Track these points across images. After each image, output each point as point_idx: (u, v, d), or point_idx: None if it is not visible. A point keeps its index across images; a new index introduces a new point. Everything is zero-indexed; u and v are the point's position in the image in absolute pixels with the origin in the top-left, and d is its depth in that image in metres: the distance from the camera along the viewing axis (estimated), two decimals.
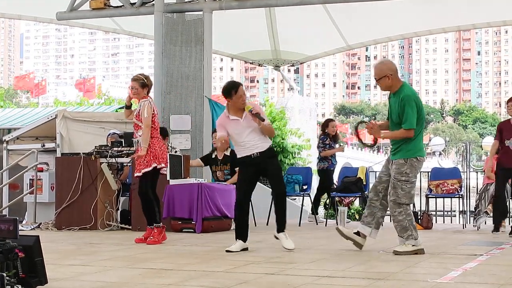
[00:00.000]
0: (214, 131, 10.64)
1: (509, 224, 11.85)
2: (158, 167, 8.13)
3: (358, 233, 6.97)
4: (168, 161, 9.59)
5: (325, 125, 11.69)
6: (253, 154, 7.06)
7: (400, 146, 6.70)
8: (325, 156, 11.42)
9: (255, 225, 10.33)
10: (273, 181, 7.20)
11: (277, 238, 7.14)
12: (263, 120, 7.03)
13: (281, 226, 7.12)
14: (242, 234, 7.13)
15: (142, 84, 8.08)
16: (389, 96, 6.87)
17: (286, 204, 7.26)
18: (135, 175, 8.27)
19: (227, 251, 6.94)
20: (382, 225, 7.08)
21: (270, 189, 7.42)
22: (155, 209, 8.14)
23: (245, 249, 7.05)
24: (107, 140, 10.33)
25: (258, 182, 7.50)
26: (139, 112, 8.04)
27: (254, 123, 7.03)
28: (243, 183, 7.22)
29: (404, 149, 6.67)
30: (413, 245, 6.65)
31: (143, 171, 8.08)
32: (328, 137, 11.50)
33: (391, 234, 9.19)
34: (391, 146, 6.85)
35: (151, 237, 7.96)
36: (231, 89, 7.06)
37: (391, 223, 7.04)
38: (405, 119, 6.59)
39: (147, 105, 7.99)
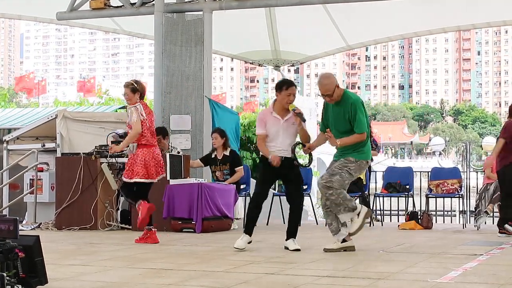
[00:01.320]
0: (214, 131, 10.63)
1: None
2: (145, 181, 8.09)
3: (344, 240, 7.00)
4: (168, 161, 9.62)
5: None
6: (282, 157, 7.12)
7: (356, 149, 6.82)
8: None
9: (255, 225, 10.30)
10: (292, 189, 7.29)
11: (286, 247, 7.15)
12: (305, 121, 7.10)
13: (291, 234, 7.20)
14: (251, 229, 7.23)
15: (132, 89, 8.08)
16: (325, 106, 6.98)
17: (301, 213, 7.36)
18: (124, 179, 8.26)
19: (235, 248, 7.03)
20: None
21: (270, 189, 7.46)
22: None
23: (249, 242, 7.20)
24: (107, 139, 10.33)
25: None
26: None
27: (291, 128, 7.14)
28: (265, 182, 7.29)
29: (357, 150, 6.83)
30: (357, 216, 6.80)
31: (124, 179, 8.09)
32: None
33: (391, 234, 9.22)
34: (340, 149, 6.90)
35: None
36: (283, 84, 7.18)
37: (391, 223, 7.04)
38: (357, 123, 6.73)
39: (134, 110, 7.99)
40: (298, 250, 7.00)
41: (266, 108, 7.47)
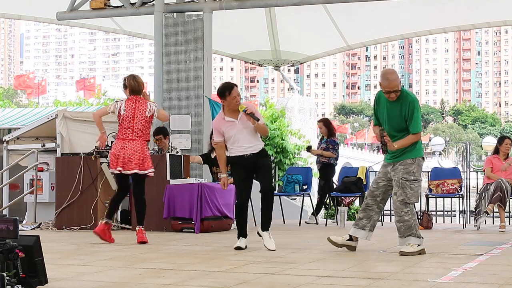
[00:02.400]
0: (211, 133, 10.59)
1: (509, 223, 11.87)
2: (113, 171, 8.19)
3: (350, 238, 6.97)
4: (168, 161, 9.63)
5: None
6: (247, 154, 7.17)
7: (408, 148, 6.70)
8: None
9: (255, 225, 10.31)
10: (261, 179, 7.30)
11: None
12: (258, 119, 7.08)
13: (265, 224, 7.24)
14: (243, 232, 7.27)
15: (123, 86, 8.29)
16: (377, 102, 6.86)
17: (272, 203, 7.36)
18: (145, 172, 8.22)
19: (236, 248, 7.06)
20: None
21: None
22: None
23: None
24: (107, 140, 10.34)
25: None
26: None
27: (249, 124, 7.12)
28: (240, 184, 7.34)
29: (410, 150, 6.71)
30: (418, 245, 6.65)
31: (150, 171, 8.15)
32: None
33: (391, 234, 9.20)
34: (391, 152, 6.74)
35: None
36: (225, 90, 7.15)
37: (391, 222, 7.04)
38: (414, 123, 6.64)
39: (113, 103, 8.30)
40: (272, 250, 7.00)
41: (216, 117, 7.48)
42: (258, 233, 7.28)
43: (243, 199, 7.29)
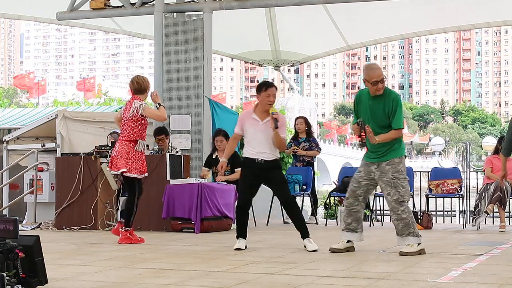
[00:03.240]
0: (218, 134, 10.53)
1: (509, 223, 11.87)
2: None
3: (349, 240, 6.98)
4: (168, 161, 9.63)
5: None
6: (258, 159, 7.12)
7: (392, 146, 6.74)
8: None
9: (255, 225, 10.33)
10: (277, 192, 7.28)
11: (305, 246, 7.10)
12: (277, 127, 7.01)
13: (302, 233, 7.15)
14: (243, 233, 7.25)
15: None
16: (357, 101, 6.89)
17: (299, 211, 7.35)
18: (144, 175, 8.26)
19: (236, 249, 7.04)
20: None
21: (270, 189, 7.47)
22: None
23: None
24: (107, 139, 10.34)
25: None
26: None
27: (270, 131, 7.07)
28: (245, 189, 7.30)
29: (396, 148, 6.75)
30: (418, 244, 6.66)
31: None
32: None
33: (391, 234, 9.19)
34: (374, 150, 6.78)
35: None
36: (263, 86, 7.21)
37: (390, 222, 7.04)
38: (396, 119, 6.69)
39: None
40: (315, 250, 6.94)
41: (247, 110, 7.47)
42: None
43: (243, 202, 7.27)
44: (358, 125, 6.73)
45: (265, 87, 7.15)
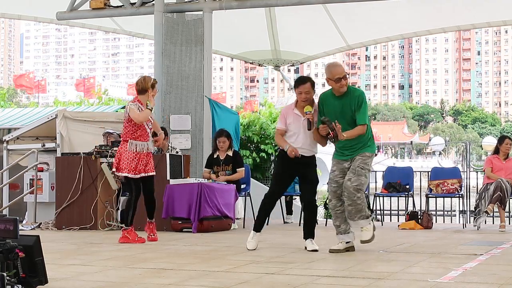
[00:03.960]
0: (220, 135, 10.48)
1: (509, 223, 11.87)
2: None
3: (348, 241, 7.02)
4: (168, 161, 9.63)
5: None
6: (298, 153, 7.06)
7: (366, 143, 6.89)
8: None
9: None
10: (306, 188, 7.24)
11: (305, 247, 7.12)
12: (310, 129, 6.95)
13: (308, 234, 7.14)
14: (260, 226, 7.24)
15: None
16: (322, 101, 6.96)
17: (314, 216, 7.35)
18: (151, 174, 8.28)
19: (248, 249, 7.05)
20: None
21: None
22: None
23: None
24: (106, 140, 10.34)
25: (258, 182, 7.53)
26: None
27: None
28: (283, 175, 7.22)
29: (370, 145, 6.93)
30: (369, 224, 6.90)
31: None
32: None
33: (391, 234, 9.21)
34: (347, 148, 6.88)
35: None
36: (296, 82, 7.14)
37: (391, 222, 7.04)
38: (361, 115, 6.82)
39: None
40: (315, 250, 6.96)
41: (289, 104, 7.41)
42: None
43: (274, 190, 7.22)
44: (323, 123, 6.79)
45: (296, 83, 7.09)
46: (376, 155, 7.10)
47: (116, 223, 9.97)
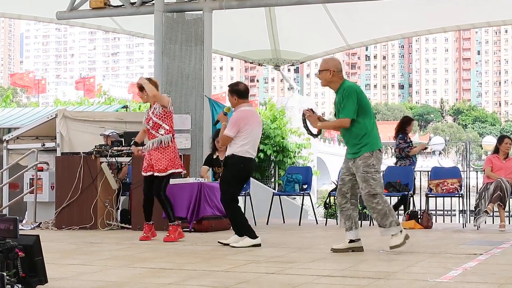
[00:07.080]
0: (215, 136, 10.50)
1: (509, 223, 11.87)
2: (175, 171, 8.36)
3: (352, 240, 6.99)
4: None
5: (406, 123, 11.49)
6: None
7: (364, 143, 6.81)
8: (406, 155, 11.29)
9: (255, 224, 10.32)
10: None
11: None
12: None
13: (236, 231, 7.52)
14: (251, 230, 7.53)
15: None
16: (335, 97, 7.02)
17: (230, 213, 7.71)
18: (151, 174, 8.26)
19: (254, 245, 7.26)
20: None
21: (270, 189, 7.53)
22: (167, 209, 8.20)
23: None
24: (106, 140, 10.34)
25: (259, 182, 7.60)
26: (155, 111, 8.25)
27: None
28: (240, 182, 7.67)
29: (367, 144, 6.81)
30: (401, 231, 6.78)
31: (160, 174, 8.18)
32: (407, 136, 11.41)
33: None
34: (350, 147, 6.89)
35: (168, 234, 8.15)
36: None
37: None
38: (343, 109, 6.76)
39: None
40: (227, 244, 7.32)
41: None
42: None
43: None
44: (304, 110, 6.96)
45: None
46: (380, 151, 6.93)
47: (116, 223, 9.97)
